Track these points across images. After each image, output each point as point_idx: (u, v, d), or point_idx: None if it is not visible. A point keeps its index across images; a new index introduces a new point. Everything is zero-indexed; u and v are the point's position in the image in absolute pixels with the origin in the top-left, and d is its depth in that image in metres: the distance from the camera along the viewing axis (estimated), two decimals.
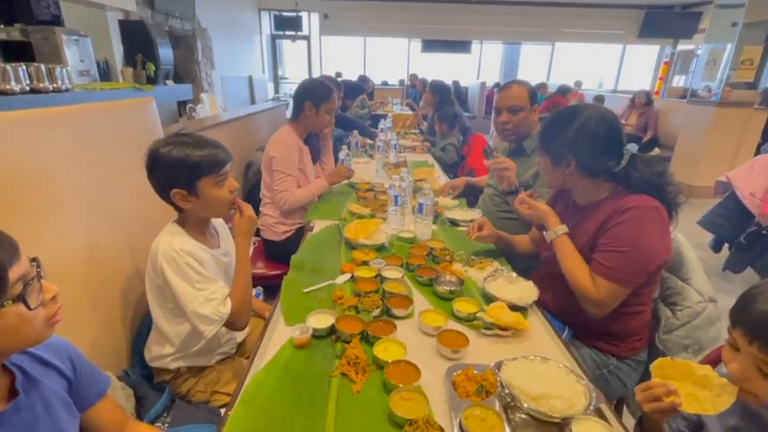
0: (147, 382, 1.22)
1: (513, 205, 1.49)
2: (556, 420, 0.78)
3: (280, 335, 1.07)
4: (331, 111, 2.11)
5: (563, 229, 1.24)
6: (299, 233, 2.02)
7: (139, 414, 1.10)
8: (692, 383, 0.75)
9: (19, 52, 3.05)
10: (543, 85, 7.60)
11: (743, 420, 0.79)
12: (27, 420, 0.67)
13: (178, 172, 1.07)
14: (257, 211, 2.16)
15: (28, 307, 0.60)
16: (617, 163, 1.16)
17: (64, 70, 2.78)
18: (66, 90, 2.78)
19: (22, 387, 0.68)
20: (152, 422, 1.09)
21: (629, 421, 0.93)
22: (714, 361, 0.84)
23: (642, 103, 6.12)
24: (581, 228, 1.24)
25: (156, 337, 1.20)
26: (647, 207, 1.11)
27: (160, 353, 1.18)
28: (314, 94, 2.05)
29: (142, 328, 1.27)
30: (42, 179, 1.00)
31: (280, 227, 2.14)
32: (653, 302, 1.33)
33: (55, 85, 2.69)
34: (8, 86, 2.33)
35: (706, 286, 1.26)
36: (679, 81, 9.13)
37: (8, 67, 2.31)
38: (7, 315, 0.59)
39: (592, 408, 0.80)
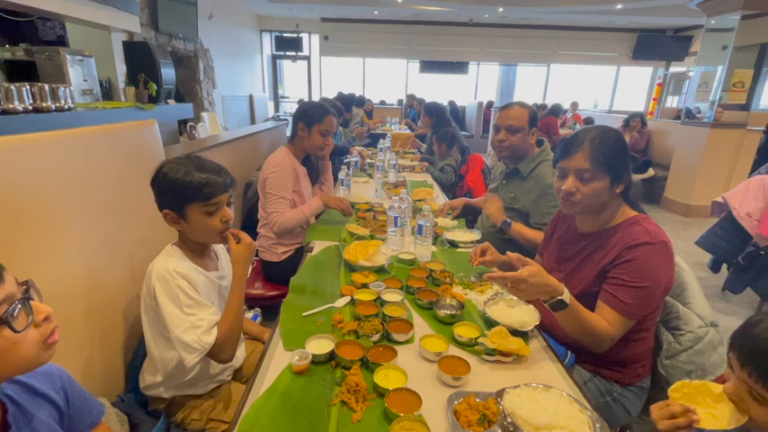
0: (142, 407, 1.19)
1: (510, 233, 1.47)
2: None
3: (278, 360, 1.05)
4: (326, 132, 2.07)
5: (567, 294, 1.07)
6: (299, 254, 2.01)
7: None
8: (712, 401, 0.77)
9: (23, 72, 3.09)
10: (543, 107, 7.72)
11: None
12: None
13: (169, 193, 1.08)
14: (255, 235, 2.16)
15: (13, 329, 0.58)
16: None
17: (67, 90, 2.81)
18: (69, 109, 2.81)
19: (13, 420, 0.66)
20: None
21: None
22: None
23: (638, 126, 6.22)
24: (588, 257, 1.23)
25: (149, 364, 1.18)
26: (659, 242, 1.12)
27: (153, 381, 1.15)
28: (306, 115, 2.05)
29: (138, 352, 1.25)
30: (43, 202, 0.99)
31: (279, 248, 2.12)
32: (655, 328, 1.33)
33: (57, 105, 2.72)
34: (11, 106, 2.36)
35: (707, 310, 1.26)
36: (672, 102, 9.31)
37: (12, 86, 2.33)
38: None
39: None
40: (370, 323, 1.14)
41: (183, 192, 1.06)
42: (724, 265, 3.11)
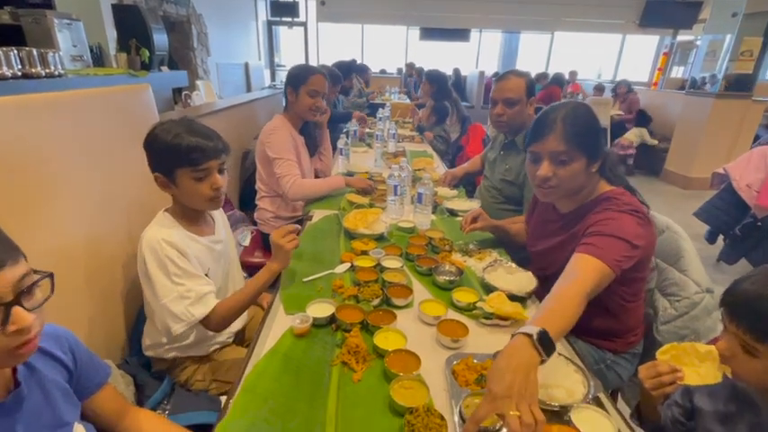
0: (146, 370, 1.22)
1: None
2: (555, 409, 0.79)
3: (279, 324, 1.07)
4: (313, 93, 1.96)
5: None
6: None
7: (140, 401, 1.11)
8: (698, 360, 0.80)
9: (9, 36, 2.98)
10: (545, 76, 7.54)
11: (735, 404, 0.80)
12: (28, 410, 0.67)
13: (159, 155, 1.07)
14: (253, 205, 2.15)
15: None
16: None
17: (56, 55, 2.73)
18: (59, 75, 2.74)
19: (23, 378, 0.68)
20: (153, 409, 1.10)
21: (624, 410, 0.95)
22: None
23: (624, 92, 6.36)
24: (567, 236, 1.19)
25: (150, 327, 1.19)
26: (631, 209, 1.07)
27: (155, 342, 1.17)
28: (292, 77, 1.97)
29: (140, 317, 1.27)
30: (36, 166, 0.98)
31: (277, 221, 2.09)
32: (650, 294, 1.34)
33: (48, 71, 2.65)
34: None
35: (703, 277, 1.27)
36: (678, 72, 9.11)
37: None
38: None
39: (590, 397, 0.81)
40: (369, 288, 1.16)
41: (171, 155, 1.05)
42: (719, 238, 3.14)
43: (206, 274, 1.14)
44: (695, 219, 3.11)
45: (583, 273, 0.95)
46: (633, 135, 5.70)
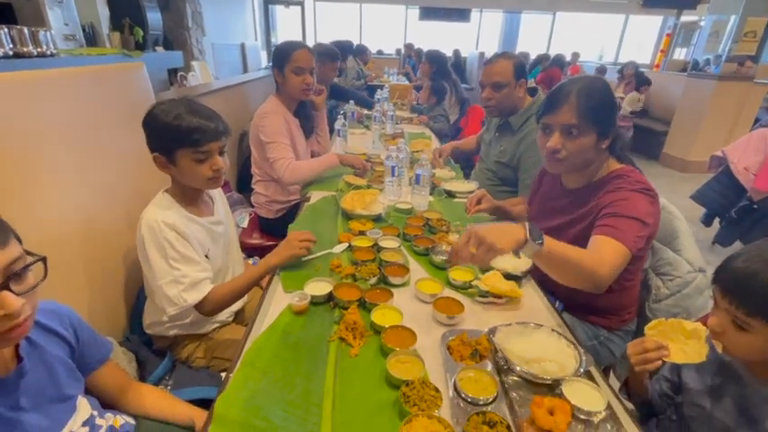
0: (147, 347, 1.24)
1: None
2: (547, 382, 0.81)
3: (278, 302, 1.08)
4: (299, 70, 1.86)
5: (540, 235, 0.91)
6: (294, 210, 1.91)
7: (142, 377, 1.13)
8: (684, 337, 0.82)
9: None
10: (546, 57, 7.43)
11: (721, 378, 0.83)
12: (31, 384, 0.69)
13: (159, 136, 1.06)
14: (250, 188, 2.14)
15: None
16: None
17: (48, 34, 2.68)
18: (52, 55, 2.69)
19: (25, 353, 0.69)
20: (155, 384, 1.12)
21: (615, 386, 0.98)
22: (705, 324, 0.88)
23: (631, 74, 6.15)
24: (573, 215, 1.20)
25: (150, 305, 1.21)
26: (635, 180, 1.09)
27: (156, 320, 1.19)
28: (276, 58, 1.89)
29: (141, 295, 1.28)
30: (29, 146, 0.97)
31: (273, 205, 2.08)
32: (644, 273, 1.36)
33: (39, 50, 2.60)
34: None
35: (697, 257, 1.29)
36: (680, 54, 8.99)
37: None
38: None
39: (582, 371, 0.83)
40: (367, 267, 1.17)
41: (172, 136, 1.04)
42: (715, 221, 3.16)
43: (206, 255, 1.15)
44: (692, 202, 3.12)
45: (609, 256, 0.97)
46: (627, 104, 5.64)
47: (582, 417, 0.75)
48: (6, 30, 2.39)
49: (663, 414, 0.96)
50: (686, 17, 9.19)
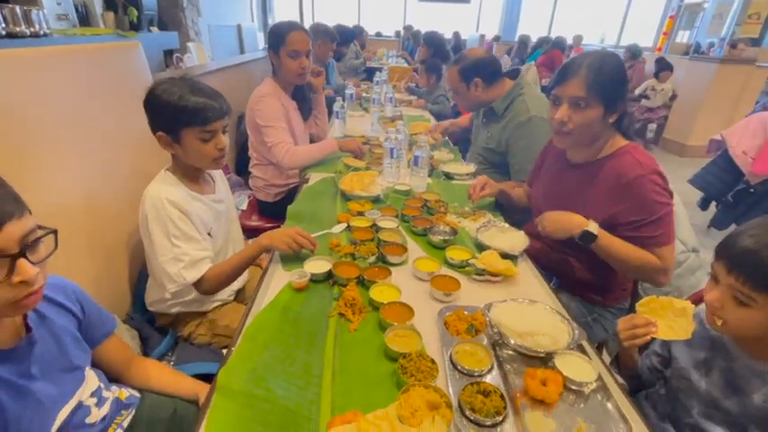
0: (150, 325, 1.26)
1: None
2: (540, 355, 0.84)
3: (278, 280, 1.10)
4: (294, 54, 1.82)
5: (594, 225, 1.10)
6: (292, 194, 1.91)
7: (145, 353, 1.16)
8: (673, 315, 0.84)
9: None
10: (546, 40, 7.32)
11: (711, 353, 0.85)
12: (41, 354, 0.71)
13: (164, 115, 1.06)
14: (248, 171, 2.13)
15: None
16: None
17: (40, 13, 2.63)
18: (45, 35, 2.65)
19: (34, 324, 0.71)
20: (158, 360, 1.14)
21: (607, 361, 1.01)
22: (695, 302, 0.90)
23: (627, 56, 6.03)
24: (580, 191, 1.21)
25: (153, 282, 1.23)
26: (651, 171, 1.10)
27: (158, 297, 1.21)
28: (271, 38, 1.85)
29: (143, 274, 1.30)
30: (28, 123, 0.97)
31: (271, 189, 2.08)
32: None
33: (33, 30, 2.56)
34: None
35: (691, 237, 1.31)
36: (683, 37, 8.86)
37: None
38: None
39: (574, 344, 0.85)
40: (366, 246, 1.18)
41: (178, 115, 1.04)
42: (712, 206, 3.18)
43: (209, 233, 1.17)
44: (690, 186, 3.13)
45: (668, 261, 1.11)
46: (660, 97, 5.16)
47: (573, 387, 0.78)
48: None
49: (652, 387, 0.99)
50: None
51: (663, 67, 5.16)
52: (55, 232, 0.65)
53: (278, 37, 1.82)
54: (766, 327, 0.74)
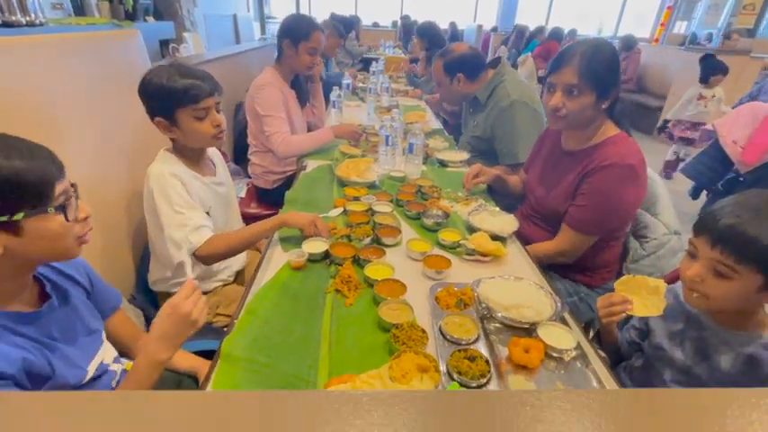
0: (153, 305, 1.31)
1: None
2: (525, 326, 0.89)
3: (277, 261, 1.15)
4: (313, 51, 1.92)
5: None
6: (290, 181, 1.94)
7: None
8: (647, 293, 0.90)
9: None
10: (540, 30, 7.32)
11: (685, 325, 0.91)
12: (62, 318, 0.76)
13: (157, 99, 1.10)
14: (246, 159, 2.17)
15: (66, 218, 0.67)
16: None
17: (36, 2, 2.63)
18: (41, 24, 2.65)
19: (52, 292, 0.76)
20: None
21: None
22: (670, 280, 0.95)
23: (621, 48, 5.93)
24: (566, 176, 1.28)
25: (154, 262, 1.27)
26: (625, 165, 1.15)
27: (161, 277, 1.25)
28: (292, 31, 1.90)
29: (145, 255, 1.34)
30: (27, 112, 1.00)
31: (270, 176, 2.12)
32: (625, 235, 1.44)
33: (28, 19, 2.56)
34: None
35: (673, 220, 1.36)
36: (680, 28, 8.86)
37: None
38: (51, 221, 0.66)
39: (556, 316, 0.91)
40: (361, 229, 1.23)
41: (169, 96, 1.08)
42: (702, 195, 3.23)
43: (207, 213, 1.21)
44: (682, 176, 3.18)
45: (558, 244, 1.25)
46: (713, 107, 3.65)
47: (555, 354, 0.83)
48: None
49: (630, 359, 1.05)
50: None
51: (714, 69, 3.71)
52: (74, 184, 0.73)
53: (302, 32, 1.89)
54: (745, 298, 0.78)
